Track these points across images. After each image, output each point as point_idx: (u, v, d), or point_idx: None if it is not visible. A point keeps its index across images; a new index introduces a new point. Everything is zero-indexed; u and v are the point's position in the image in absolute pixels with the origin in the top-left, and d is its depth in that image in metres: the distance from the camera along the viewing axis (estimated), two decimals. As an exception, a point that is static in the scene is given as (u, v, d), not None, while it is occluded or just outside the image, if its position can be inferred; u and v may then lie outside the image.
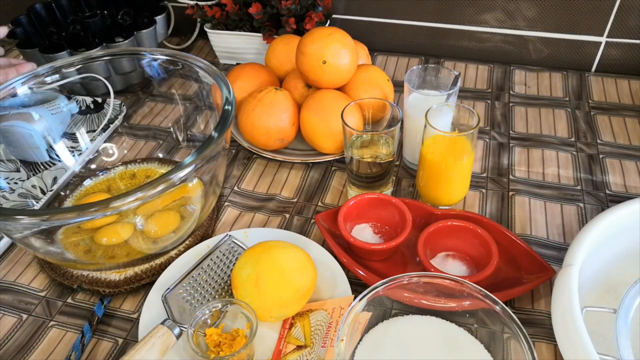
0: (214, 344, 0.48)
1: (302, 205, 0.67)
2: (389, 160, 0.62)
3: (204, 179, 0.57)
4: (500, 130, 0.76)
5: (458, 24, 0.89)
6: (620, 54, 0.85)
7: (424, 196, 0.64)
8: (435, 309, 0.48)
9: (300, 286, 0.50)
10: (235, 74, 0.75)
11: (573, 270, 0.47)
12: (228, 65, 0.95)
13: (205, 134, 0.70)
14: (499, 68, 0.89)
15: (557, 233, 0.61)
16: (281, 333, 0.52)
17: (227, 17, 0.88)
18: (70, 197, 0.68)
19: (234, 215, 0.66)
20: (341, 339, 0.41)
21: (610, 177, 0.68)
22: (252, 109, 0.68)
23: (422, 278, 0.46)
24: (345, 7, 0.93)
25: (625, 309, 0.44)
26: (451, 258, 0.57)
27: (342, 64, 0.68)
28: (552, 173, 0.69)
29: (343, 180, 0.70)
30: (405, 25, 0.92)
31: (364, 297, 0.44)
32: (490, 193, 0.67)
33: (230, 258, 0.58)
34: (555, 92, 0.83)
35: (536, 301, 0.55)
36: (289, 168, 0.72)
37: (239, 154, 0.75)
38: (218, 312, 0.51)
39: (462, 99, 0.83)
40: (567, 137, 0.75)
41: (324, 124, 0.67)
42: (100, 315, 0.56)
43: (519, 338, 0.41)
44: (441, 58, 0.92)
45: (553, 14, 0.83)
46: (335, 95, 0.68)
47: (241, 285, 0.50)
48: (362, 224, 0.61)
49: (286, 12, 0.83)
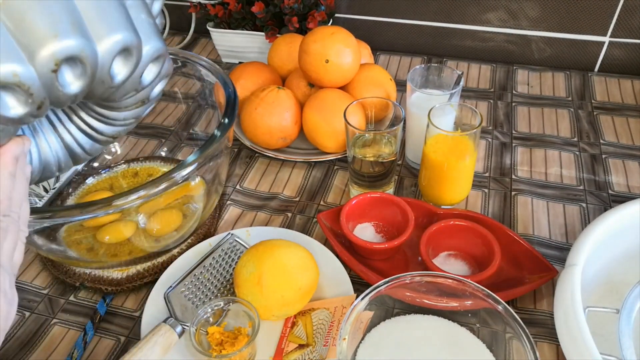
0: (216, 342, 0.48)
1: (305, 204, 0.67)
2: (391, 160, 0.62)
3: (206, 178, 0.57)
4: (503, 130, 0.76)
5: (461, 23, 0.89)
6: (623, 54, 0.84)
7: (426, 195, 0.64)
8: (437, 308, 0.48)
9: (302, 285, 0.50)
10: (237, 73, 0.75)
11: (576, 270, 0.47)
12: (230, 64, 0.95)
13: (207, 133, 0.70)
14: (502, 68, 0.89)
15: (560, 233, 0.61)
16: (283, 332, 0.52)
17: (229, 15, 0.88)
18: (72, 195, 0.68)
19: (236, 213, 0.66)
20: (343, 338, 0.41)
21: (613, 177, 0.68)
22: (255, 107, 0.68)
23: (424, 277, 0.46)
24: (348, 6, 0.93)
25: (628, 309, 0.44)
26: (453, 258, 0.57)
27: (345, 63, 0.68)
28: (555, 173, 0.69)
29: (345, 179, 0.70)
30: (408, 25, 0.92)
31: (366, 296, 0.44)
32: (493, 193, 0.67)
33: (232, 257, 0.58)
34: (558, 92, 0.83)
35: (538, 301, 0.55)
36: (292, 167, 0.72)
37: (242, 152, 0.75)
38: (220, 310, 0.51)
39: (465, 99, 0.83)
40: (570, 137, 0.74)
41: (326, 123, 0.67)
42: (102, 313, 0.56)
43: (521, 338, 0.41)
44: (444, 57, 0.92)
45: (556, 13, 0.83)
46: (337, 95, 0.68)
47: (243, 283, 0.50)
48: (365, 223, 0.61)
49: (289, 11, 0.83)
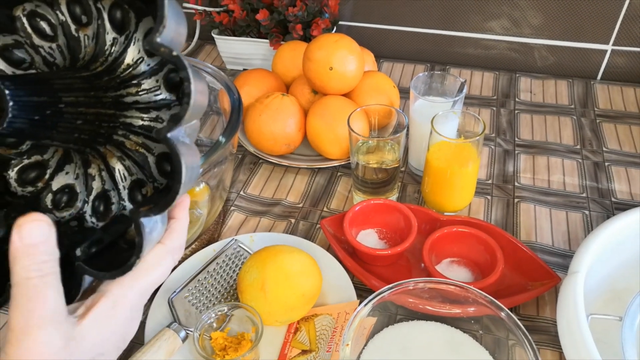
0: (220, 347, 0.49)
1: (308, 210, 0.67)
2: (394, 166, 0.62)
3: (210, 184, 0.57)
4: (506, 137, 0.77)
5: (464, 31, 0.89)
6: (626, 62, 0.85)
7: (429, 202, 0.64)
8: (440, 314, 0.48)
9: (305, 291, 0.51)
10: (242, 80, 0.76)
11: (578, 278, 0.47)
12: (235, 71, 0.96)
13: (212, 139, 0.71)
14: (505, 75, 0.89)
15: (563, 240, 0.61)
16: (286, 337, 0.52)
17: (234, 23, 0.89)
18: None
19: (240, 219, 0.67)
20: (346, 344, 0.42)
21: (616, 184, 0.68)
22: (259, 114, 0.69)
23: (427, 284, 0.46)
24: (351, 14, 0.93)
25: (631, 316, 0.44)
26: (456, 264, 0.57)
27: (349, 70, 0.68)
28: (558, 180, 0.69)
29: (348, 185, 0.70)
30: (411, 32, 0.92)
31: (370, 302, 0.44)
32: (496, 200, 0.67)
33: (236, 262, 0.58)
34: (560, 99, 0.83)
35: (541, 308, 0.55)
36: (295, 173, 0.73)
37: (245, 158, 0.76)
38: (224, 315, 0.51)
39: (468, 106, 0.83)
40: (573, 144, 0.75)
41: (330, 129, 0.68)
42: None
43: (524, 345, 0.41)
44: (447, 65, 0.93)
45: (559, 21, 0.84)
46: (341, 101, 0.69)
47: (247, 289, 0.51)
48: (368, 229, 0.61)
49: (293, 19, 0.84)
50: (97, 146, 0.34)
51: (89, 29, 0.34)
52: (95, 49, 0.34)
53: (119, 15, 0.33)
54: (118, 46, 0.34)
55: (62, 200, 0.35)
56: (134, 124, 0.33)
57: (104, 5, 0.33)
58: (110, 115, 0.33)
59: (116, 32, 0.34)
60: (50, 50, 0.35)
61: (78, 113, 0.32)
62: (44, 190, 0.36)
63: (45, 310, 0.27)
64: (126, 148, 0.34)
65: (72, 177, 0.36)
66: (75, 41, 0.34)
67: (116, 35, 0.34)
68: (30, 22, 0.34)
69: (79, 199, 0.35)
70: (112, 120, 0.33)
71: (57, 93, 0.31)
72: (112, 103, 0.33)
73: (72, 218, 0.35)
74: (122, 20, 0.33)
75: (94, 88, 0.33)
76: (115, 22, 0.33)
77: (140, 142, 0.34)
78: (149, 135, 0.34)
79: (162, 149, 0.34)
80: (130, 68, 0.33)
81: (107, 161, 0.34)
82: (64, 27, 0.34)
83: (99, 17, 0.34)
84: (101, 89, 0.33)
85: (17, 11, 0.34)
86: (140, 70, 0.33)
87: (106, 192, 0.35)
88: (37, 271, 0.28)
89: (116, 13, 0.33)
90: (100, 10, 0.33)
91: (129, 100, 0.33)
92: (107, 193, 0.35)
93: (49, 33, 0.35)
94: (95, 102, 0.32)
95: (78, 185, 0.35)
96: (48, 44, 0.35)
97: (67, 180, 0.36)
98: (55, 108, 0.30)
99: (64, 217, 0.35)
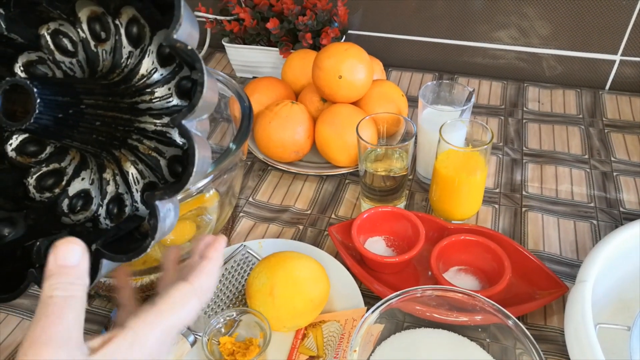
0: (228, 352, 0.49)
1: (316, 217, 0.68)
2: (402, 174, 0.63)
3: (220, 190, 0.58)
4: (514, 147, 0.77)
5: (472, 41, 0.90)
6: (634, 72, 0.85)
7: (437, 210, 0.64)
8: (447, 322, 0.48)
9: (314, 297, 0.51)
10: (252, 87, 0.77)
11: (586, 287, 0.47)
12: (244, 79, 0.97)
13: (222, 146, 0.71)
14: (513, 85, 0.89)
15: (570, 250, 0.61)
16: (294, 343, 0.52)
17: (245, 31, 0.90)
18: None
19: (249, 225, 0.67)
20: (354, 350, 0.42)
21: (624, 194, 0.68)
22: (269, 121, 0.70)
23: (434, 291, 0.46)
24: (361, 23, 0.94)
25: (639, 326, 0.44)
26: (463, 272, 0.57)
27: (358, 79, 0.69)
28: (566, 190, 0.69)
29: (357, 193, 0.71)
30: (420, 42, 0.93)
31: (377, 309, 0.44)
32: (503, 208, 0.67)
33: (244, 268, 0.59)
34: (568, 109, 0.83)
35: (549, 317, 0.55)
36: (304, 180, 0.73)
37: (255, 165, 0.76)
38: (232, 321, 0.52)
39: (476, 115, 0.83)
40: (581, 154, 0.75)
41: (338, 137, 0.68)
42: (116, 322, 0.56)
43: (531, 354, 0.41)
44: (455, 74, 0.93)
45: (567, 32, 0.84)
46: (350, 110, 0.69)
47: (255, 294, 0.51)
48: (375, 236, 0.62)
49: (303, 28, 0.85)
50: (113, 150, 0.35)
51: (107, 44, 0.36)
52: (113, 62, 0.36)
53: (135, 30, 0.35)
54: (134, 59, 0.35)
55: (78, 204, 0.37)
56: (148, 129, 0.35)
57: (122, 21, 0.35)
58: (126, 120, 0.34)
59: (132, 46, 0.35)
60: (70, 65, 0.36)
61: (97, 115, 0.33)
62: (61, 195, 0.37)
63: (56, 330, 0.27)
64: (140, 152, 0.35)
65: (87, 183, 0.37)
66: (94, 56, 0.36)
67: (132, 49, 0.35)
68: (54, 39, 0.36)
69: (94, 203, 0.36)
70: (128, 124, 0.34)
71: (79, 95, 0.32)
72: (127, 109, 0.34)
73: (87, 220, 0.36)
74: (138, 34, 0.35)
75: (111, 94, 0.34)
76: (132, 37, 0.35)
77: (153, 146, 0.35)
78: (161, 139, 0.35)
79: (173, 152, 0.35)
80: (145, 78, 0.35)
81: (122, 165, 0.35)
82: (84, 44, 0.36)
83: (116, 33, 0.35)
84: (118, 95, 0.34)
85: (42, 30, 0.36)
86: (154, 79, 0.35)
87: (120, 196, 0.36)
88: (62, 290, 0.28)
89: (133, 28, 0.35)
90: (118, 26, 0.35)
91: (143, 107, 0.35)
92: (121, 196, 0.36)
93: (70, 49, 0.36)
94: (113, 107, 0.34)
95: (93, 190, 0.37)
96: (69, 59, 0.36)
97: (83, 186, 0.37)
98: (77, 108, 0.32)
99: (80, 220, 0.36)
